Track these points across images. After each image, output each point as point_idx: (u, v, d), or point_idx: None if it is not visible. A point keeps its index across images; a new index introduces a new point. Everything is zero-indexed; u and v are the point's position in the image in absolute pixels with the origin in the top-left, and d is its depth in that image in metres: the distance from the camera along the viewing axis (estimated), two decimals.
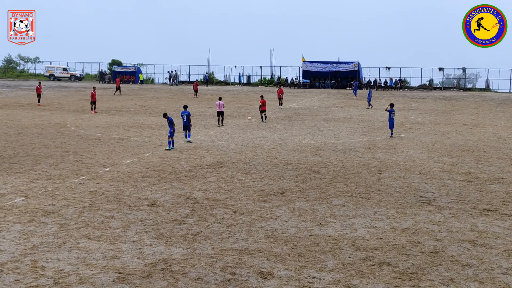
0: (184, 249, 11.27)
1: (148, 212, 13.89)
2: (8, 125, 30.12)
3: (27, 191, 15.82)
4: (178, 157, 21.52)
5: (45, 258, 10.63)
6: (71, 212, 13.79)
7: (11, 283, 9.49)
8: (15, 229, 12.39)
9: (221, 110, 32.04)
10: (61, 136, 26.63)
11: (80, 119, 33.61)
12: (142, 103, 46.62)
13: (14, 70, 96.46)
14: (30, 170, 18.64)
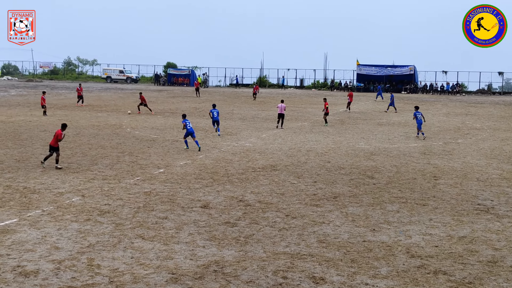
0: (236, 252, 11.29)
1: (201, 214, 14.00)
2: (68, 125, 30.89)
3: (84, 190, 16.20)
4: (231, 160, 21.63)
5: (101, 257, 10.84)
6: (126, 212, 14.03)
7: (68, 280, 9.71)
8: (73, 227, 12.69)
9: (282, 112, 32.27)
10: (117, 137, 27.17)
11: (136, 121, 34.21)
12: (196, 105, 47.11)
13: (73, 72, 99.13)
14: (87, 170, 19.08)
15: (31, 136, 26.72)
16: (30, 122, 32.33)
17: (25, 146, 23.61)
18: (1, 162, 19.97)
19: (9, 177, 17.68)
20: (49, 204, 14.61)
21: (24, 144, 24.27)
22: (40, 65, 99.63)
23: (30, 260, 10.58)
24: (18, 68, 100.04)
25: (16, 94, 55.43)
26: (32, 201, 14.81)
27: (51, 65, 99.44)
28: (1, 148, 22.92)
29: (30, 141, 25.01)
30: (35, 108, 40.78)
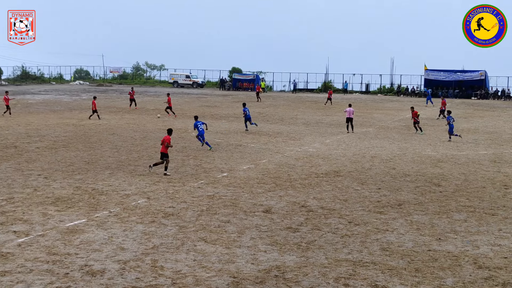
0: (298, 257, 11.25)
1: (263, 218, 14.03)
2: (134, 129, 31.69)
3: (149, 193, 16.53)
4: (294, 165, 21.59)
5: (164, 259, 11.02)
6: (189, 215, 14.23)
7: (132, 280, 9.92)
8: (138, 229, 12.97)
9: (350, 116, 32.33)
10: (182, 141, 27.61)
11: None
12: (260, 110, 47.31)
13: (141, 77, 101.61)
14: (153, 173, 19.46)
15: (100, 139, 27.51)
16: (100, 125, 33.32)
17: (94, 149, 24.33)
18: (72, 164, 20.65)
19: (78, 178, 18.26)
20: (116, 205, 15.00)
21: (94, 146, 25.02)
22: (110, 70, 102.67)
23: (97, 260, 10.88)
24: (89, 73, 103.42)
25: (87, 98, 57.24)
26: (100, 203, 15.24)
27: (120, 70, 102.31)
28: (72, 151, 23.72)
29: (99, 144, 25.76)
30: (105, 111, 41.99)
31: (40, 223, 13.20)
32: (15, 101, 50.88)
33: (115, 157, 22.45)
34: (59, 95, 61.15)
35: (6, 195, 15.80)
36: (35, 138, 27.40)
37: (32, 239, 12.03)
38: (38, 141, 26.22)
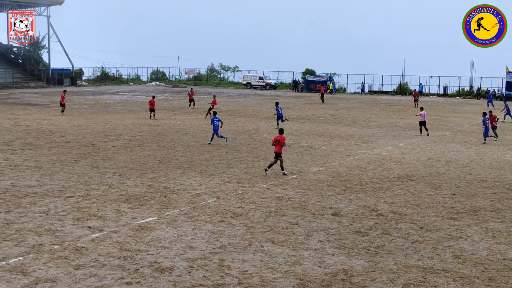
0: (366, 262, 11.07)
1: (331, 221, 13.90)
2: (207, 130, 32.11)
3: (219, 192, 16.72)
4: (365, 168, 21.28)
5: (231, 258, 11.11)
6: (257, 215, 14.28)
7: (199, 278, 10.05)
8: (207, 228, 13.14)
9: (423, 120, 31.89)
10: (253, 142, 27.77)
11: (272, 127, 34.74)
12: (332, 112, 46.97)
13: (215, 78, 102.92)
14: (223, 173, 19.67)
15: (174, 139, 28.07)
16: (174, 125, 33.99)
17: (167, 149, 24.85)
18: (145, 163, 21.17)
19: (151, 177, 18.69)
20: (186, 204, 15.25)
21: (167, 146, 25.55)
22: (185, 71, 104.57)
23: (166, 257, 11.09)
24: (165, 74, 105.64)
25: (162, 99, 58.55)
26: (171, 201, 15.55)
27: (195, 72, 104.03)
28: (146, 150, 24.32)
29: (172, 144, 26.29)
30: (179, 112, 42.84)
31: (114, 220, 13.60)
32: (94, 101, 52.65)
33: (187, 157, 22.84)
34: (135, 96, 62.84)
35: (83, 192, 16.38)
36: (111, 137, 28.28)
37: (106, 235, 12.41)
38: (114, 140, 27.04)
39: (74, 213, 14.07)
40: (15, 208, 14.41)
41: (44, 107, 44.88)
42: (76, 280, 9.83)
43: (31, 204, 14.86)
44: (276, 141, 19.58)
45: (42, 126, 32.30)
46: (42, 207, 14.57)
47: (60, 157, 22.02)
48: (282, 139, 19.55)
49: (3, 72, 75.10)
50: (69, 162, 21.11)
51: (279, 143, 19.49)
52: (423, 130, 32.26)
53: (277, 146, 19.54)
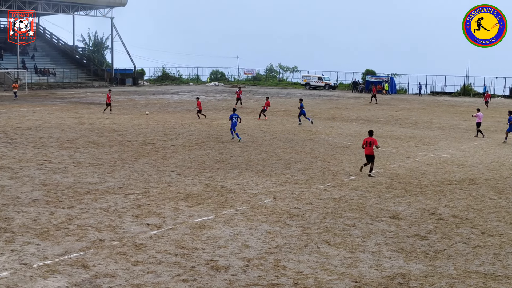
0: (424, 266, 10.83)
1: (389, 224, 13.67)
2: (265, 130, 32.21)
3: (276, 193, 16.71)
4: (426, 171, 20.84)
5: (287, 259, 11.08)
6: (314, 216, 14.19)
7: (254, 278, 10.07)
8: (263, 228, 13.15)
9: (480, 121, 31.29)
10: (311, 142, 27.63)
11: (330, 127, 34.52)
12: (392, 113, 46.24)
13: (274, 79, 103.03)
14: (280, 173, 19.66)
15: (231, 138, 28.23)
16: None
17: (225, 148, 25.04)
18: (203, 162, 21.39)
19: (209, 176, 18.87)
20: (243, 204, 15.32)
21: (225, 146, 25.74)
22: (244, 71, 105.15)
23: (222, 256, 11.17)
24: (224, 74, 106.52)
25: (221, 98, 59.07)
26: (227, 200, 15.65)
27: (254, 72, 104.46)
28: (204, 149, 24.57)
29: (230, 144, 26.47)
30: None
31: (171, 217, 13.80)
32: (154, 100, 53.61)
33: (244, 156, 22.95)
34: (195, 96, 63.62)
35: (142, 189, 16.69)
36: (171, 136, 28.72)
37: (163, 232, 12.60)
38: (173, 139, 27.45)
39: (133, 210, 14.35)
40: (77, 204, 14.83)
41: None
42: (134, 276, 10.01)
43: (93, 201, 15.25)
44: (367, 143, 19.51)
45: (104, 125, 33.13)
46: (103, 204, 14.93)
47: (121, 155, 22.52)
48: (374, 141, 19.49)
49: (68, 72, 77.49)
50: (130, 160, 21.56)
51: (370, 145, 19.43)
52: (479, 132, 31.62)
53: (368, 148, 19.47)
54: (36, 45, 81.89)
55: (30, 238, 11.96)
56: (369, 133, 20.10)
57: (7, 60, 74.07)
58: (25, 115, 37.91)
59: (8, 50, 76.11)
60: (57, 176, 18.37)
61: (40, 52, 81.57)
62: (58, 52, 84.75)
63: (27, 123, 33.19)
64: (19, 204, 14.76)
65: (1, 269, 10.17)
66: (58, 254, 11.05)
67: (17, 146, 24.42)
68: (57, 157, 21.87)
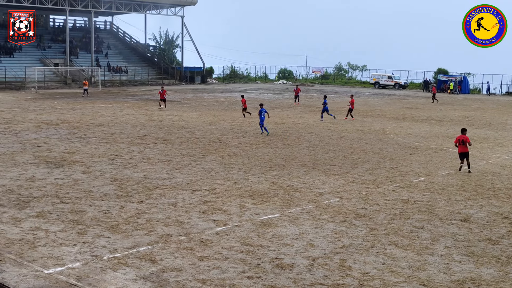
0: (496, 271, 10.46)
1: (460, 227, 13.28)
2: (332, 129, 31.97)
3: (342, 192, 16.55)
4: (499, 173, 20.13)
5: (353, 259, 10.95)
6: (381, 217, 13.97)
7: (320, 277, 10.00)
8: (328, 227, 13.05)
9: None
10: (380, 142, 27.21)
11: (400, 127, 33.90)
12: (465, 113, 44.95)
13: (342, 77, 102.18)
14: (347, 173, 19.45)
15: (299, 137, 28.20)
16: (299, 124, 34.15)
17: (292, 147, 25.00)
18: (270, 160, 21.44)
19: (275, 174, 18.89)
20: (309, 203, 15.25)
21: (292, 144, 25.71)
22: (313, 70, 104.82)
23: (287, 254, 11.15)
24: (292, 72, 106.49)
25: (289, 97, 59.00)
26: (293, 199, 15.62)
27: (322, 70, 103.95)
28: (270, 147, 24.62)
29: (297, 142, 26.42)
30: (304, 111, 42.96)
31: (237, 214, 13.90)
32: (223, 98, 54.21)
33: (311, 155, 22.85)
34: (262, 94, 63.88)
35: (209, 186, 16.89)
36: (238, 134, 28.95)
37: (229, 229, 12.71)
38: (240, 137, 27.66)
39: (200, 206, 14.54)
40: (146, 199, 15.16)
41: (176, 104, 46.86)
42: (200, 271, 10.14)
43: (161, 196, 15.56)
44: (459, 141, 19.33)
45: (173, 122, 33.75)
46: (171, 199, 15.21)
47: (189, 152, 22.88)
48: (466, 139, 19.33)
49: (140, 69, 79.43)
50: (197, 157, 21.87)
51: (463, 143, 19.21)
52: None
53: (461, 146, 19.29)
54: (109, 44, 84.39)
55: (101, 231, 12.33)
56: (462, 131, 19.82)
57: (82, 58, 76.71)
58: (98, 111, 39.12)
59: (83, 48, 78.81)
60: (127, 171, 18.85)
61: (113, 50, 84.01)
62: (130, 50, 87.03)
63: (100, 119, 34.24)
64: (91, 197, 15.23)
65: (73, 260, 10.53)
66: (127, 247, 11.34)
67: (90, 141, 25.23)
68: (127, 152, 22.45)
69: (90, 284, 9.47)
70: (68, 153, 21.89)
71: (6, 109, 38.97)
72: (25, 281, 9.51)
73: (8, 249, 11.02)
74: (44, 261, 10.43)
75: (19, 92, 57.99)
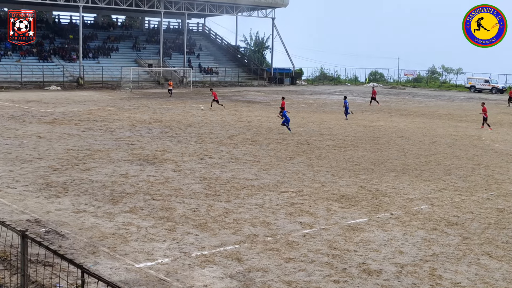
0: None
1: None
2: (424, 133, 31.10)
3: (433, 199, 16.05)
4: None
5: (443, 268, 10.59)
6: (474, 226, 13.43)
7: (408, 285, 9.75)
8: (418, 234, 12.69)
9: None
10: (474, 148, 26.19)
11: (496, 133, 32.50)
12: None
13: (436, 81, 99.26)
14: (439, 179, 18.85)
15: (389, 141, 27.63)
16: (389, 127, 33.47)
17: (381, 150, 24.53)
18: (358, 164, 21.13)
19: (363, 178, 18.59)
20: (398, 208, 14.90)
21: (381, 148, 25.23)
22: (405, 73, 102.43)
23: (375, 260, 10.94)
24: (383, 75, 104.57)
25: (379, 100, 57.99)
26: (382, 204, 15.31)
27: (415, 73, 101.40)
28: (359, 151, 24.27)
29: (387, 146, 25.89)
30: (395, 114, 42.09)
31: (324, 217, 13.78)
32: (311, 100, 54.06)
33: (401, 160, 22.32)
34: (352, 96, 63.10)
35: (296, 188, 16.86)
36: (326, 136, 28.74)
37: (316, 232, 12.63)
38: (329, 140, 27.44)
39: (287, 208, 14.54)
40: (234, 199, 15.33)
41: (264, 105, 47.18)
42: (286, 273, 10.13)
43: (248, 196, 15.69)
44: None
45: (262, 123, 33.98)
46: (258, 200, 15.30)
47: (277, 153, 22.94)
48: None
49: (230, 71, 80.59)
50: (285, 158, 21.89)
51: None
52: None
53: None
54: (201, 45, 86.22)
55: (189, 228, 12.58)
56: None
57: (174, 59, 78.77)
58: (189, 111, 40.02)
59: (176, 50, 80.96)
60: (216, 170, 19.15)
61: (204, 51, 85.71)
62: (221, 52, 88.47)
63: (190, 119, 35.00)
64: (180, 195, 15.59)
65: (163, 256, 10.81)
66: (214, 245, 11.50)
67: (181, 140, 25.84)
68: (216, 152, 22.81)
69: (178, 280, 9.68)
70: (160, 151, 22.52)
71: (103, 108, 40.64)
72: (118, 273, 9.85)
73: (102, 243, 11.47)
74: (136, 256, 10.76)
75: (115, 91, 60.35)
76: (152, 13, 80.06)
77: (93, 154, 21.51)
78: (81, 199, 14.85)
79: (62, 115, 34.53)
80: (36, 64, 65.66)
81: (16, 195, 15.02)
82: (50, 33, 74.69)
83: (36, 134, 26.05)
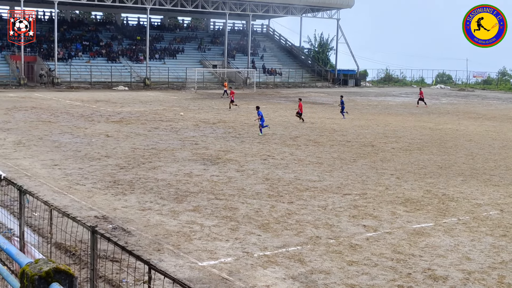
0: None
1: None
2: (494, 137, 30.15)
3: (503, 205, 15.53)
4: None
5: None
6: None
7: None
8: (487, 241, 12.31)
9: None
10: None
11: None
12: None
13: (507, 83, 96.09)
14: (510, 184, 18.22)
15: (456, 144, 26.92)
16: (457, 130, 32.62)
17: (448, 154, 23.93)
18: (424, 167, 20.68)
19: (429, 182, 18.18)
20: (466, 213, 14.49)
21: (448, 152, 24.61)
22: (474, 74, 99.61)
23: (441, 266, 10.67)
24: (451, 77, 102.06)
25: (446, 102, 56.71)
26: (449, 209, 14.92)
27: (484, 75, 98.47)
28: (425, 154, 23.76)
29: (454, 149, 25.23)
30: (464, 117, 40.99)
31: (388, 221, 13.56)
32: (376, 102, 53.37)
33: (469, 164, 21.70)
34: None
35: (360, 191, 16.66)
36: (391, 138, 28.27)
37: (379, 235, 12.43)
38: (394, 142, 26.98)
39: (350, 211, 14.39)
40: (297, 200, 15.29)
41: (328, 107, 46.88)
42: (348, 276, 10.02)
43: (311, 198, 15.61)
44: None
45: (325, 124, 33.78)
46: (320, 202, 15.21)
47: (340, 155, 22.74)
48: None
49: (293, 72, 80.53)
50: (349, 160, 21.67)
51: None
52: None
53: None
54: (265, 46, 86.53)
55: (252, 229, 12.63)
56: None
57: (238, 60, 79.43)
58: (252, 112, 40.21)
59: (240, 51, 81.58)
60: (279, 171, 19.15)
61: (268, 52, 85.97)
62: (285, 53, 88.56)
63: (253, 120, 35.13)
64: (243, 195, 15.67)
65: (225, 255, 10.89)
66: (277, 246, 11.50)
67: (244, 141, 26.00)
68: (279, 153, 22.82)
69: (241, 279, 9.73)
70: (223, 151, 22.73)
71: (168, 108, 41.39)
72: (181, 271, 9.99)
73: (167, 240, 11.67)
74: (199, 254, 10.89)
75: (180, 91, 61.36)
76: (217, 14, 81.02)
77: (159, 153, 21.93)
78: (147, 197, 15.16)
79: (129, 115, 35.40)
80: (104, 64, 67.61)
81: (85, 192, 15.50)
82: (118, 35, 76.79)
83: (104, 133, 26.81)
